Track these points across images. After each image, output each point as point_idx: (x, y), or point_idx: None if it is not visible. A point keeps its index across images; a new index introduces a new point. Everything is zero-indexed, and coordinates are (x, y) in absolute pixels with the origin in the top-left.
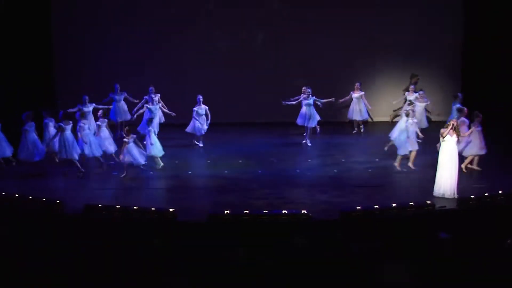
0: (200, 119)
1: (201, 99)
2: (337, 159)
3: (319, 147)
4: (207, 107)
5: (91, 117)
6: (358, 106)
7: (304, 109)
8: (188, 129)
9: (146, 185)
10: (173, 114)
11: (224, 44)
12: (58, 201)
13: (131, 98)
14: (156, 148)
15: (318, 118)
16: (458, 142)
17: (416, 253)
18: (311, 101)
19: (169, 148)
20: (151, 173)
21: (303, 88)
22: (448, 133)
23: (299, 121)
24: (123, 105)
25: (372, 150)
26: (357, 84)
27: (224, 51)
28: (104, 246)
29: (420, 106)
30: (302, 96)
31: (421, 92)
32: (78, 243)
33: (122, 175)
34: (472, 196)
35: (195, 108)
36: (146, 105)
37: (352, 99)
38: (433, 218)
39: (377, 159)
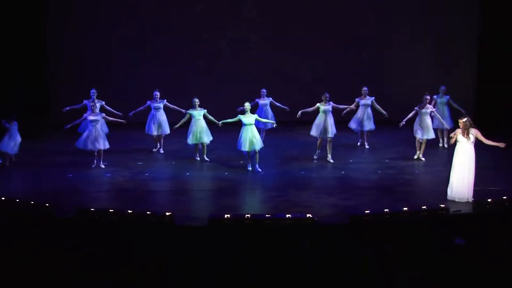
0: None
1: (265, 92)
2: (345, 159)
3: (325, 147)
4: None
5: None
6: (366, 114)
7: (321, 117)
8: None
9: (142, 187)
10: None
11: (223, 42)
12: (48, 204)
13: (110, 108)
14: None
15: (335, 130)
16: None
17: (429, 260)
18: (330, 107)
19: (164, 148)
20: (147, 174)
21: (325, 95)
22: (457, 135)
23: (315, 132)
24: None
25: (381, 151)
26: (364, 89)
27: (224, 50)
28: (97, 251)
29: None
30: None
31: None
32: (70, 249)
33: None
34: (489, 200)
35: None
36: (188, 111)
37: (359, 107)
38: (447, 222)
39: (387, 160)
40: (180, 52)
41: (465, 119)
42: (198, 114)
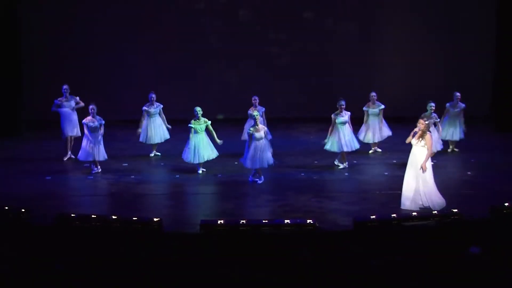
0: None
1: (257, 100)
2: (349, 160)
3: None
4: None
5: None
6: (378, 123)
7: (339, 131)
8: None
9: (127, 191)
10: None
11: (221, 38)
12: (23, 210)
13: (82, 104)
14: None
15: (357, 143)
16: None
17: (441, 270)
18: (347, 117)
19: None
20: (132, 177)
21: (341, 103)
22: (413, 137)
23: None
24: (72, 115)
25: (388, 151)
26: (373, 95)
27: (222, 45)
28: (78, 262)
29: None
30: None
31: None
32: (48, 259)
33: None
34: (506, 204)
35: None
36: (191, 125)
37: (368, 116)
38: (460, 229)
39: (394, 160)
40: (167, 47)
41: (428, 121)
42: (201, 129)
